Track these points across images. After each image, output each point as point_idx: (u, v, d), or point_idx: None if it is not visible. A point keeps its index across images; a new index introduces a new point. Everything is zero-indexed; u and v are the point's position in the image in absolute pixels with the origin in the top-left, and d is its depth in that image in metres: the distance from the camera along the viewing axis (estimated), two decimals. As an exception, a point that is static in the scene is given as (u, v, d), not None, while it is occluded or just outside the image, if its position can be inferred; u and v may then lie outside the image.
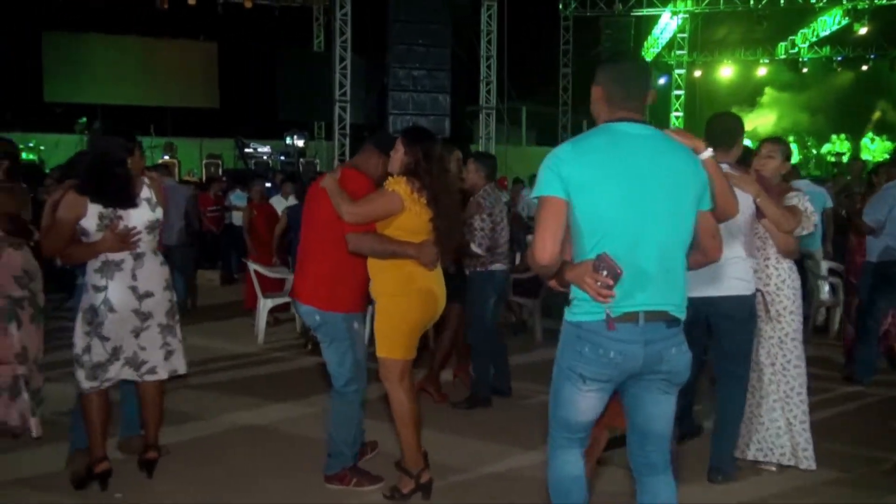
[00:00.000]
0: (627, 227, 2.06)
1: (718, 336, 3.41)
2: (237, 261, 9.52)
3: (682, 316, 2.17)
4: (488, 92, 15.81)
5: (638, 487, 2.32)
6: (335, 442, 3.33)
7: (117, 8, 17.11)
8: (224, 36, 18.06)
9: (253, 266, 6.40)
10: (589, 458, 2.46)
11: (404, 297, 3.11)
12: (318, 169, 15.24)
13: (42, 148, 15.70)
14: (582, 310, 2.12)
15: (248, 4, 17.54)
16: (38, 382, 3.84)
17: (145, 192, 3.21)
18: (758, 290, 3.41)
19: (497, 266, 4.53)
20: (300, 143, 16.24)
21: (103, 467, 3.23)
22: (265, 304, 6.26)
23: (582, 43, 18.76)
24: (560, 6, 18.77)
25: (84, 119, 16.21)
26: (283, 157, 15.93)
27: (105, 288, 3.13)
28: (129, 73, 17.82)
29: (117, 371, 3.21)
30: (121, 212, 3.11)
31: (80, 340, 3.18)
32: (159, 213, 3.24)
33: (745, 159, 3.60)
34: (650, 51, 19.81)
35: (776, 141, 3.61)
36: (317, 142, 18.06)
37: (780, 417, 3.49)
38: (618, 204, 2.06)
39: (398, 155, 3.16)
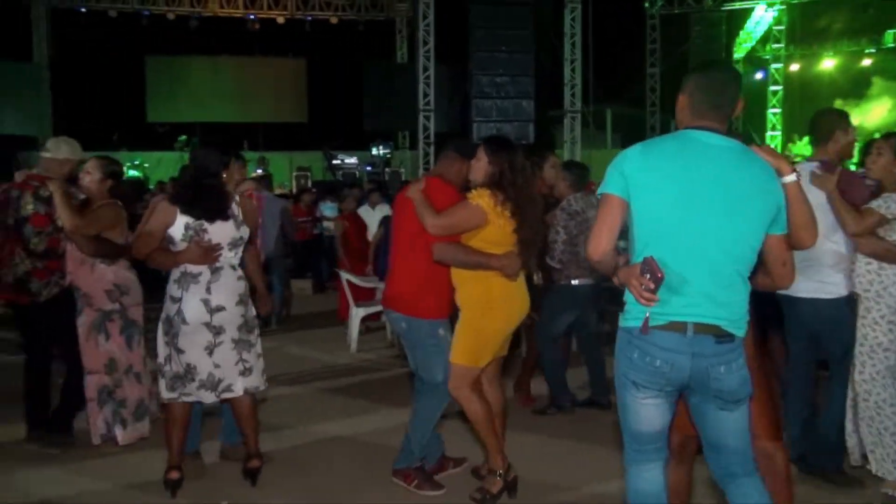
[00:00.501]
0: (677, 234, 2.05)
1: (817, 339, 3.38)
2: (328, 270, 9.71)
3: (738, 332, 2.10)
4: (573, 95, 15.54)
5: (727, 494, 2.23)
6: (409, 438, 3.37)
7: (213, 30, 18.01)
8: (312, 52, 18.64)
9: (345, 276, 6.48)
10: (679, 466, 2.44)
11: (486, 308, 3.14)
12: (402, 178, 15.41)
13: (146, 165, 16.64)
14: (632, 315, 2.11)
15: (335, 20, 18.07)
16: (125, 393, 3.91)
17: (233, 209, 3.25)
18: (855, 292, 3.30)
19: (579, 280, 4.32)
20: (385, 153, 16.49)
21: (173, 476, 3.28)
22: (357, 313, 6.32)
23: (670, 41, 18.17)
24: (646, 4, 18.27)
25: (184, 137, 17.10)
26: (369, 168, 16.23)
27: (180, 299, 3.18)
28: (225, 92, 18.68)
29: (195, 391, 3.22)
30: (206, 225, 3.16)
31: (161, 350, 3.27)
32: (244, 231, 3.27)
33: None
34: (743, 46, 18.94)
35: (886, 137, 3.47)
36: (401, 151, 18.32)
37: (869, 427, 3.30)
38: (670, 210, 2.05)
39: (481, 164, 3.17)
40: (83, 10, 17.32)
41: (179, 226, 3.16)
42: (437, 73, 14.84)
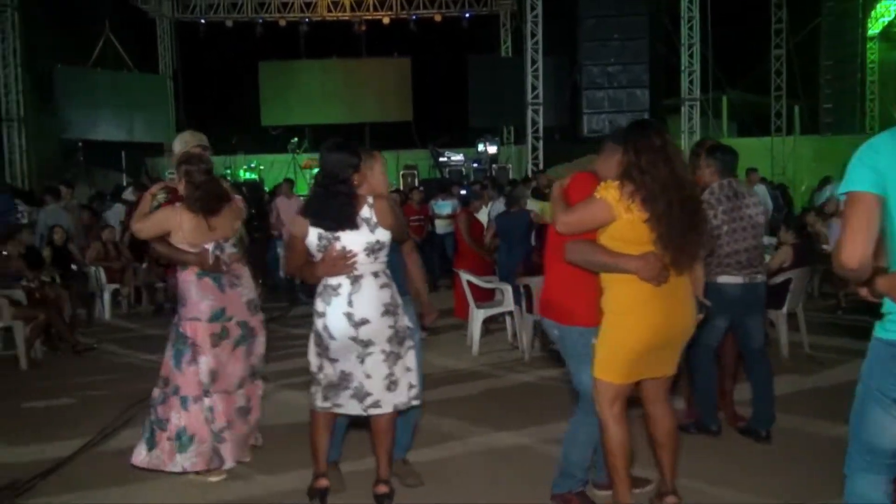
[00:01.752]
0: None
1: None
2: (440, 269, 9.60)
3: None
4: (690, 82, 14.68)
5: None
6: (567, 461, 3.10)
7: (322, 34, 18.46)
8: (416, 50, 18.70)
9: (465, 276, 6.28)
10: None
11: (627, 316, 2.75)
12: (510, 174, 15.14)
13: (261, 168, 17.27)
14: None
15: (438, 18, 18.03)
16: (166, 413, 3.59)
17: (365, 212, 3.02)
18: None
19: (726, 278, 3.84)
20: (492, 149, 16.25)
21: (321, 484, 3.20)
22: (478, 315, 6.12)
23: (797, 18, 16.82)
24: (771, -19, 17.02)
25: (295, 139, 17.62)
26: (475, 164, 16.06)
27: (324, 314, 3.05)
28: (333, 94, 19.08)
29: (347, 401, 3.09)
30: (338, 233, 3.01)
31: (313, 359, 3.15)
32: (380, 234, 3.04)
33: None
34: (879, 21, 17.31)
35: None
36: (507, 147, 18.04)
37: None
38: None
39: (614, 158, 2.86)
40: (203, 21, 18.21)
41: (313, 237, 3.04)
42: (544, 66, 14.42)
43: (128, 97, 16.74)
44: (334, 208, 3.00)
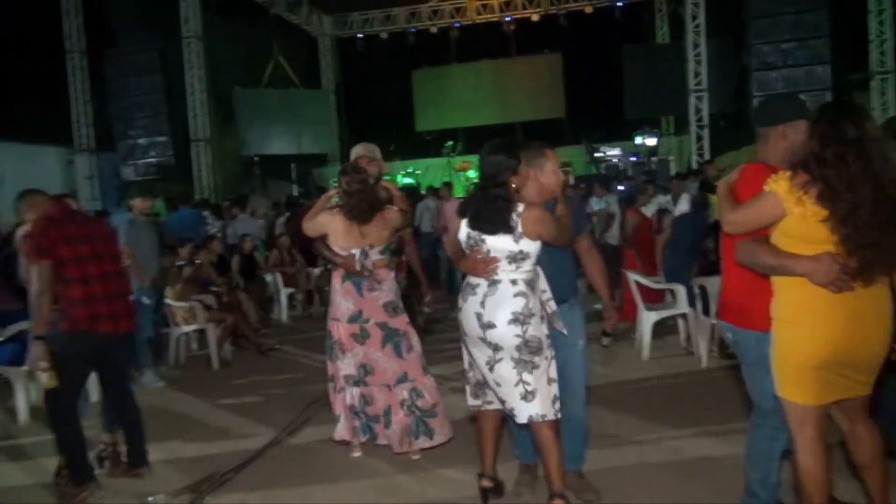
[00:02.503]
0: None
1: None
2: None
3: None
4: (881, 53, 13.07)
5: None
6: (749, 479, 2.82)
7: (471, 38, 18.65)
8: (567, 45, 18.32)
9: (633, 276, 5.97)
10: None
11: (795, 326, 2.37)
12: (671, 167, 14.34)
13: (418, 172, 17.77)
14: None
15: (589, 10, 17.53)
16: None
17: (513, 220, 2.92)
18: None
19: None
20: (651, 141, 15.49)
21: (482, 484, 3.22)
22: (648, 317, 5.79)
23: None
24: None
25: (450, 143, 17.94)
26: (633, 158, 15.40)
27: (461, 310, 3.08)
28: (484, 96, 19.21)
29: (494, 399, 3.09)
30: (485, 236, 2.97)
31: (465, 356, 3.18)
32: (524, 244, 2.92)
33: None
34: None
35: None
36: (666, 138, 17.14)
37: None
38: None
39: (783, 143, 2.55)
40: (360, 35, 19.10)
41: (463, 235, 3.08)
42: (707, 50, 13.50)
43: (295, 113, 17.95)
44: (486, 211, 2.98)
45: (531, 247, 2.94)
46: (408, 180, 17.32)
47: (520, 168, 2.98)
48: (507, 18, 18.14)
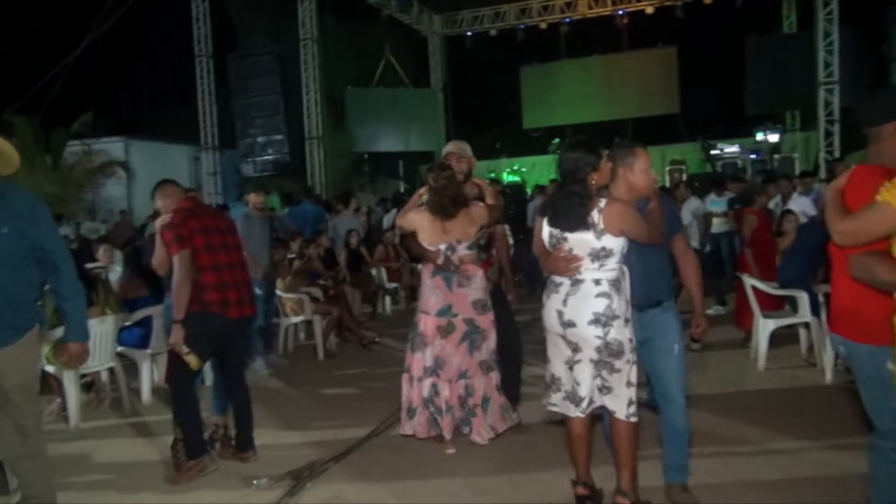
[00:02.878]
0: None
1: None
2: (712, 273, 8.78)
3: None
4: None
5: None
6: None
7: (582, 32, 18.25)
8: (683, 38, 17.55)
9: (750, 281, 5.60)
10: None
11: None
12: (795, 165, 13.41)
13: (523, 170, 17.64)
14: None
15: (708, 0, 16.68)
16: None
17: (594, 217, 2.86)
18: None
19: None
20: (773, 137, 14.54)
21: (578, 491, 3.15)
22: (766, 325, 5.42)
23: None
24: None
25: (557, 140, 17.67)
26: (753, 156, 14.52)
27: (543, 306, 3.08)
28: (594, 92, 18.79)
29: (560, 402, 3.06)
30: (566, 234, 2.94)
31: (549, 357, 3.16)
32: (607, 241, 2.86)
33: None
34: None
35: None
36: (791, 134, 16.05)
37: None
38: None
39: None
40: (468, 33, 19.17)
41: (545, 234, 3.05)
42: (840, 38, 12.49)
43: (404, 111, 18.30)
44: (565, 209, 2.95)
45: (614, 243, 2.89)
46: (513, 178, 17.24)
47: (601, 164, 2.95)
48: (620, 12, 17.61)
